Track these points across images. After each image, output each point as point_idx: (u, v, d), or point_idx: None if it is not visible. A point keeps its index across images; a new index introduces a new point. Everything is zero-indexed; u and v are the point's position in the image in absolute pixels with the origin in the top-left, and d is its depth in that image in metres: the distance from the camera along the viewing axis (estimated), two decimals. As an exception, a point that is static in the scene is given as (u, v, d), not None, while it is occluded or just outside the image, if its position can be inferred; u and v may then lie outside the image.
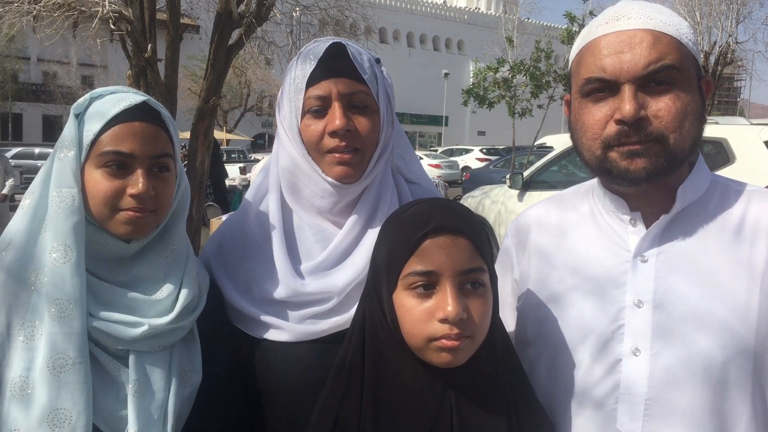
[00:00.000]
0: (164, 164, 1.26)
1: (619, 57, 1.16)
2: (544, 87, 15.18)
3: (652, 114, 1.15)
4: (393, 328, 1.16)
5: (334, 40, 1.37)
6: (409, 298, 1.13)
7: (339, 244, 1.38)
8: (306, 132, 1.35)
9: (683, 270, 1.19)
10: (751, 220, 1.20)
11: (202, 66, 9.88)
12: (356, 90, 1.34)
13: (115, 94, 1.26)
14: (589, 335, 1.25)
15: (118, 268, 1.26)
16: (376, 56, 1.42)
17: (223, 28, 6.68)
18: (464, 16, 64.02)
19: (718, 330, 1.15)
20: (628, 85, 1.15)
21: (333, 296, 1.34)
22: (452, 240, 1.12)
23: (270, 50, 10.00)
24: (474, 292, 1.12)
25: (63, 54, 20.30)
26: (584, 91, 1.22)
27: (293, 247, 1.40)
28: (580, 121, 1.23)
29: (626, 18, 1.19)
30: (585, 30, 1.28)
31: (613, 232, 1.27)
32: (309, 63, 1.34)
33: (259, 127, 43.94)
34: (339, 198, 1.37)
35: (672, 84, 1.16)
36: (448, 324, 1.09)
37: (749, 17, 23.02)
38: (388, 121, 1.41)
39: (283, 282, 1.35)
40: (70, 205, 1.19)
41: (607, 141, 1.18)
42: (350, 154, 1.34)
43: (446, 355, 1.10)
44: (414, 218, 1.16)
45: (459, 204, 1.23)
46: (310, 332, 1.35)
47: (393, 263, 1.15)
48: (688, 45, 1.19)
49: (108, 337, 1.20)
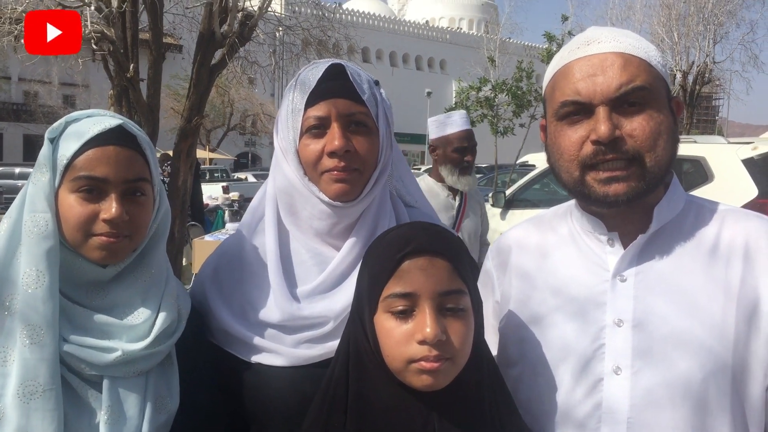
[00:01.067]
0: (140, 188, 1.25)
1: (592, 80, 1.19)
2: (525, 106, 15.34)
3: (626, 133, 1.17)
4: (375, 352, 1.15)
5: (333, 62, 1.37)
6: (389, 320, 1.12)
7: (336, 268, 1.37)
8: (304, 152, 1.34)
9: (661, 290, 1.21)
10: (725, 240, 1.22)
11: (184, 85, 9.88)
12: (355, 111, 1.34)
13: (91, 118, 1.25)
14: (570, 355, 1.26)
15: (95, 293, 1.25)
16: (375, 78, 1.43)
17: (205, 48, 6.69)
18: (446, 35, 64.59)
19: (697, 350, 1.16)
20: (602, 107, 1.17)
21: (329, 320, 1.33)
22: (430, 261, 1.12)
23: (253, 70, 10.02)
24: (453, 314, 1.12)
25: (44, 73, 20.20)
26: (560, 114, 1.23)
27: (290, 269, 1.39)
28: (556, 144, 1.25)
29: (596, 42, 1.22)
30: (557, 56, 1.31)
31: (591, 252, 1.29)
32: (308, 84, 1.34)
33: (242, 146, 43.89)
34: (337, 220, 1.36)
35: (644, 104, 1.18)
36: (427, 345, 1.08)
37: (726, 37, 23.45)
38: (387, 143, 1.41)
39: (279, 306, 1.34)
40: (43, 229, 1.18)
41: (584, 161, 1.20)
42: (348, 173, 1.33)
43: (426, 378, 1.10)
44: (394, 240, 1.16)
45: (440, 226, 1.23)
46: (306, 357, 1.33)
47: (373, 286, 1.15)
48: (657, 67, 1.21)
49: (81, 362, 1.18)
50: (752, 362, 1.16)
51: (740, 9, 23.02)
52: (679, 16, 22.51)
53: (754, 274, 1.18)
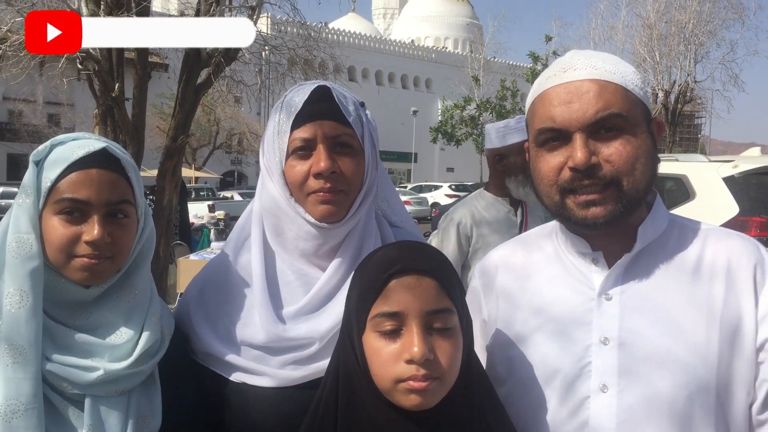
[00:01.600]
0: (122, 210, 1.26)
1: (568, 107, 1.20)
2: (510, 124, 15.39)
3: (603, 159, 1.19)
4: (364, 372, 1.15)
5: (319, 84, 1.38)
6: (376, 340, 1.12)
7: (321, 288, 1.37)
8: (290, 173, 1.35)
9: (645, 309, 1.22)
10: (708, 259, 1.24)
11: (170, 104, 9.87)
12: (341, 132, 1.35)
13: (76, 141, 1.26)
14: (557, 374, 1.26)
15: (78, 313, 1.25)
16: (361, 100, 1.44)
17: (191, 68, 6.71)
18: (432, 54, 65.04)
19: (680, 369, 1.17)
20: (578, 134, 1.19)
21: (315, 341, 1.33)
22: (417, 280, 1.12)
23: (239, 89, 10.03)
24: (441, 333, 1.12)
25: (29, 92, 20.12)
26: (538, 141, 1.26)
27: (275, 290, 1.39)
28: (536, 169, 1.27)
29: (572, 69, 1.24)
30: (536, 82, 1.33)
31: (577, 271, 1.30)
32: (294, 106, 1.35)
33: (228, 164, 43.78)
34: (323, 241, 1.37)
35: (621, 130, 1.19)
36: (415, 365, 1.08)
37: (707, 57, 23.79)
38: (373, 164, 1.42)
39: (264, 327, 1.34)
40: (27, 250, 1.19)
41: (562, 186, 1.22)
42: (334, 194, 1.34)
43: (415, 397, 1.09)
44: (381, 260, 1.17)
45: (428, 245, 1.24)
46: (291, 378, 1.33)
47: (361, 305, 1.15)
48: (635, 90, 1.23)
49: (63, 381, 1.19)
50: (735, 381, 1.17)
51: (720, 29, 23.43)
52: (660, 36, 22.82)
53: (736, 294, 1.20)
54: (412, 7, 77.74)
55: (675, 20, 22.61)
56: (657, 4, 22.87)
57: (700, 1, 22.46)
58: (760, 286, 1.20)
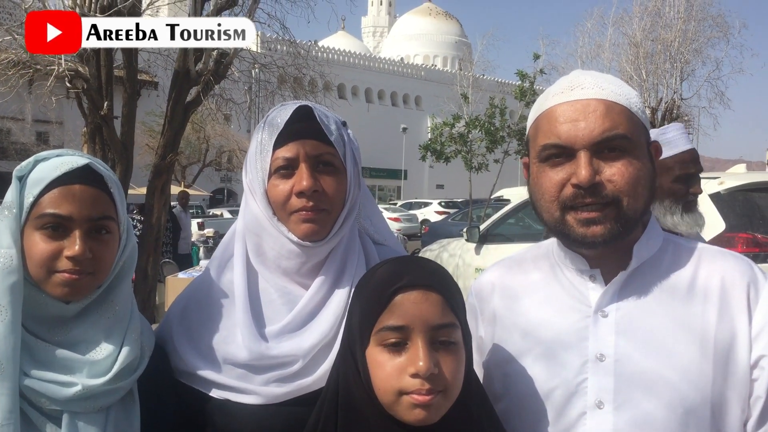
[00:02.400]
0: (104, 226, 1.27)
1: (575, 125, 1.21)
2: (499, 142, 15.47)
3: (606, 178, 1.20)
4: (367, 386, 1.15)
5: (300, 104, 1.39)
6: (381, 353, 1.12)
7: (305, 306, 1.37)
8: (273, 192, 1.36)
9: (640, 326, 1.23)
10: (701, 279, 1.25)
11: (160, 122, 9.87)
12: (323, 152, 1.36)
13: (60, 158, 1.27)
14: (553, 390, 1.27)
15: (57, 328, 1.25)
16: (343, 119, 1.45)
17: (180, 86, 6.72)
18: (421, 72, 65.46)
19: (668, 392, 1.18)
20: (583, 152, 1.20)
21: (298, 359, 1.33)
22: (424, 295, 1.13)
23: (228, 107, 10.05)
24: (445, 347, 1.12)
25: (18, 110, 20.03)
26: (542, 156, 1.26)
27: (258, 309, 1.39)
28: (538, 185, 1.28)
29: (580, 88, 1.25)
30: (541, 98, 1.34)
31: (574, 288, 1.31)
32: (276, 125, 1.36)
33: (218, 182, 43.68)
34: (305, 259, 1.38)
35: (624, 151, 1.21)
36: (420, 379, 1.08)
37: (692, 75, 24.00)
38: (355, 183, 1.42)
39: (247, 345, 1.34)
40: (8, 265, 1.20)
41: (564, 202, 1.22)
42: (316, 213, 1.34)
43: (419, 412, 1.09)
44: (386, 275, 1.17)
45: (431, 261, 1.25)
46: (274, 395, 1.33)
47: (365, 320, 1.15)
48: (638, 114, 1.25)
49: (41, 396, 1.19)
50: (729, 399, 1.18)
51: (705, 47, 23.64)
52: (646, 54, 23.05)
53: (730, 314, 1.21)
54: (401, 26, 78.44)
55: (661, 39, 22.84)
56: (643, 22, 23.11)
57: (686, 19, 22.71)
58: (754, 304, 1.21)
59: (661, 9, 23.08)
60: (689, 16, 22.76)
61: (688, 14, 22.77)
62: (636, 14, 23.43)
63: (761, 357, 1.18)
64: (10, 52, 6.55)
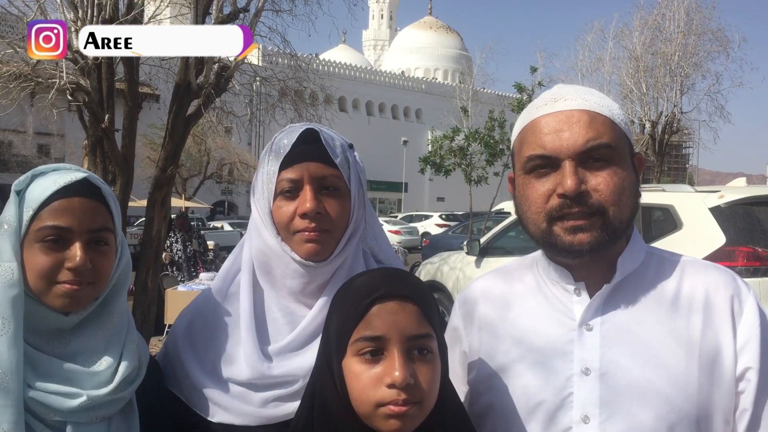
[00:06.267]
0: (103, 238, 1.28)
1: (559, 135, 1.23)
2: (498, 155, 15.51)
3: (591, 188, 1.21)
4: (343, 397, 1.15)
5: (307, 126, 1.41)
6: (357, 364, 1.13)
7: (307, 327, 1.38)
8: (278, 213, 1.37)
9: (625, 340, 1.23)
10: (685, 292, 1.26)
11: (161, 134, 9.90)
12: (327, 174, 1.37)
13: (57, 172, 1.28)
14: (539, 405, 1.27)
15: (57, 341, 1.26)
16: (349, 142, 1.47)
17: (181, 99, 6.74)
18: (422, 85, 65.77)
19: (660, 401, 1.18)
20: (568, 162, 1.21)
21: (298, 379, 1.34)
22: (400, 306, 1.13)
23: (229, 120, 10.07)
24: (422, 358, 1.13)
25: (19, 123, 20.11)
26: (527, 168, 1.27)
27: (263, 327, 1.40)
28: (524, 196, 1.28)
29: (563, 100, 1.27)
30: (525, 112, 1.35)
31: (558, 301, 1.31)
32: (282, 148, 1.38)
33: (219, 194, 43.77)
34: (309, 279, 1.39)
35: (608, 161, 1.22)
36: (396, 389, 1.09)
37: (692, 88, 24.04)
38: (360, 204, 1.44)
39: (249, 363, 1.35)
40: (9, 278, 1.20)
41: (550, 213, 1.23)
42: (319, 233, 1.36)
43: (394, 422, 1.10)
44: (362, 286, 1.18)
45: (407, 272, 1.25)
46: (272, 416, 1.34)
47: (342, 330, 1.16)
48: (620, 125, 1.26)
49: (45, 408, 1.19)
50: (715, 411, 1.19)
51: (705, 61, 23.71)
52: (646, 68, 23.12)
53: (714, 326, 1.21)
54: (402, 39, 78.82)
55: (661, 52, 22.92)
56: (643, 36, 23.20)
57: (686, 33, 22.80)
58: (738, 316, 1.21)
59: (661, 23, 23.19)
60: (689, 30, 22.85)
61: (688, 28, 22.86)
62: (636, 28, 23.54)
63: (747, 369, 1.19)
64: (12, 65, 6.58)
